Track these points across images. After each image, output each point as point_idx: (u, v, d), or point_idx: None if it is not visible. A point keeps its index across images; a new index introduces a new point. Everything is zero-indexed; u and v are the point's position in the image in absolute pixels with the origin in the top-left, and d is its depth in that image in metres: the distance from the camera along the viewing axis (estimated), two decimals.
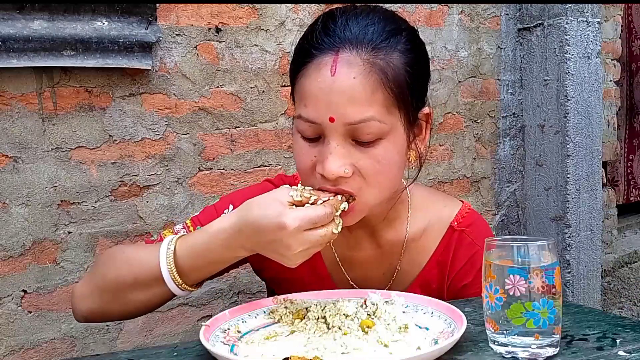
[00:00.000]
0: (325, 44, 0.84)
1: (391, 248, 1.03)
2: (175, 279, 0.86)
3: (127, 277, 0.89)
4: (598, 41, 2.14)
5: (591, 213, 2.15)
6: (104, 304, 0.92)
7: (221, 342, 0.75)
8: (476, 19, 2.09)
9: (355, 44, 0.83)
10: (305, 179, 0.90)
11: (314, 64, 0.84)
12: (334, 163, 0.83)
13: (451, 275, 1.02)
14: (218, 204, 1.05)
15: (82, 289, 0.94)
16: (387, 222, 1.02)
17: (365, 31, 0.84)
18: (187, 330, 1.59)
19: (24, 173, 1.37)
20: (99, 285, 0.92)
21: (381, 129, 0.84)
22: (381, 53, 0.84)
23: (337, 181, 0.84)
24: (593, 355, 0.69)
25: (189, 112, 1.56)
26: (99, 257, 0.99)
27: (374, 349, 0.74)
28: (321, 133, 0.85)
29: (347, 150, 0.84)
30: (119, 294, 0.90)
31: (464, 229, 1.03)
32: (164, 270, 0.85)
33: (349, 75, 0.82)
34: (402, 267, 1.03)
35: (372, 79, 0.82)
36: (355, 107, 0.82)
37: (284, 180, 1.07)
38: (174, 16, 1.52)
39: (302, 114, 0.85)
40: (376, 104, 0.83)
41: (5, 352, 1.37)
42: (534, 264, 0.69)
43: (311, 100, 0.84)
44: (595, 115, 2.14)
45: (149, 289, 0.88)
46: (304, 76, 0.86)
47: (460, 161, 2.09)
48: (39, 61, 1.31)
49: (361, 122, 0.82)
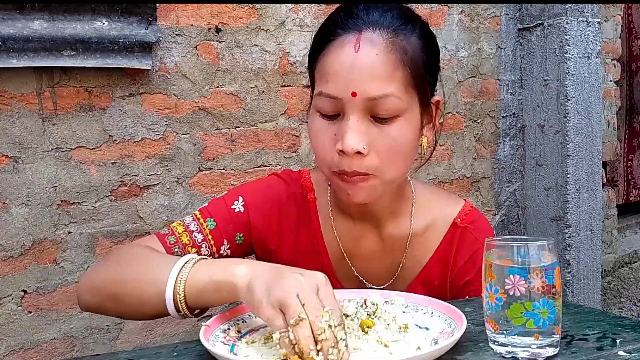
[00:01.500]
0: (350, 24, 0.88)
1: (394, 243, 1.04)
2: (182, 306, 0.81)
3: (133, 292, 0.85)
4: (598, 41, 2.14)
5: (591, 213, 2.15)
6: (101, 302, 0.90)
7: (221, 342, 0.75)
8: (476, 19, 2.09)
9: (377, 26, 0.87)
10: (322, 157, 0.91)
11: (337, 42, 0.87)
12: (353, 138, 0.85)
13: (454, 271, 1.03)
14: (227, 196, 1.05)
15: (85, 281, 0.92)
16: (391, 217, 1.03)
17: (386, 15, 0.89)
18: (187, 330, 1.59)
19: (24, 173, 1.37)
20: (107, 287, 0.88)
21: (399, 105, 0.87)
22: (400, 35, 0.88)
23: (354, 158, 0.86)
24: (593, 355, 0.69)
25: (189, 112, 1.56)
26: (113, 254, 0.95)
27: (374, 349, 0.73)
28: (340, 110, 0.88)
29: (365, 126, 0.87)
30: (117, 299, 0.87)
31: (466, 225, 1.04)
32: (170, 305, 0.80)
33: (371, 52, 0.85)
34: (406, 263, 1.04)
35: (392, 56, 0.86)
36: (377, 83, 0.85)
37: (291, 176, 1.09)
38: (174, 16, 1.52)
39: (324, 90, 0.88)
40: (396, 81, 0.86)
41: (5, 352, 1.37)
42: (534, 264, 0.68)
43: (334, 76, 0.87)
44: (595, 115, 2.14)
45: (152, 307, 0.84)
46: (326, 54, 0.88)
47: (460, 161, 2.09)
48: (39, 61, 1.31)
49: (381, 97, 0.85)
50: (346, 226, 1.04)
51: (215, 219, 1.00)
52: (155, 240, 0.97)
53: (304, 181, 1.07)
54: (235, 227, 1.01)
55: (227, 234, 1.01)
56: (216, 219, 1.00)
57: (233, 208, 1.02)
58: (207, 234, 0.99)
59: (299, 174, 1.09)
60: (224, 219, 1.01)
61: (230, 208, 1.02)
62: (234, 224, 1.01)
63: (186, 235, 0.98)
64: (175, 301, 0.80)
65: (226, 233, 1.01)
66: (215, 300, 0.79)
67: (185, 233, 0.99)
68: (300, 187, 1.07)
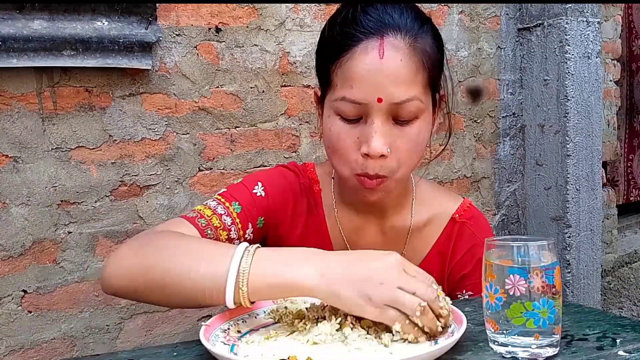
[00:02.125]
0: (371, 28, 0.89)
1: (395, 236, 1.06)
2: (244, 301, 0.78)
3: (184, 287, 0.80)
4: (598, 41, 2.13)
5: (591, 213, 2.15)
6: (145, 291, 0.84)
7: (221, 342, 0.75)
8: (476, 19, 2.09)
9: (398, 29, 0.89)
10: (344, 161, 0.92)
11: (360, 47, 0.88)
12: (379, 142, 0.88)
13: (451, 265, 1.06)
14: (245, 181, 1.05)
15: (122, 266, 0.85)
16: (393, 210, 1.06)
17: (404, 18, 0.90)
18: (187, 330, 1.59)
19: (24, 173, 1.37)
20: (147, 275, 0.83)
21: (419, 107, 0.90)
22: (420, 38, 0.90)
23: (377, 161, 0.89)
24: (593, 355, 0.69)
25: (189, 112, 1.56)
26: (144, 239, 0.89)
27: (374, 349, 0.73)
28: (364, 113, 0.90)
29: (388, 129, 0.89)
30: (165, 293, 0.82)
31: (465, 220, 1.07)
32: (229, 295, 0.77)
33: (395, 58, 0.88)
34: (406, 255, 1.04)
35: (415, 60, 0.89)
36: (401, 88, 0.88)
37: (298, 167, 1.11)
38: (174, 16, 1.52)
39: (348, 96, 0.89)
40: (418, 84, 0.89)
41: (5, 352, 1.37)
42: (534, 263, 0.68)
43: (359, 82, 0.88)
44: (595, 115, 2.14)
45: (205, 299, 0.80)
46: (350, 59, 0.89)
47: (460, 161, 2.09)
48: (39, 61, 1.31)
49: (406, 102, 0.88)
50: (349, 218, 1.07)
51: (241, 203, 1.01)
52: (186, 224, 0.94)
53: (310, 173, 1.10)
54: (258, 211, 1.03)
55: (252, 217, 1.02)
56: (241, 203, 1.01)
57: (255, 192, 1.03)
58: (234, 217, 0.99)
59: (305, 167, 1.12)
60: (248, 203, 1.02)
61: (252, 192, 1.03)
62: (257, 208, 1.02)
63: (216, 218, 0.97)
64: (237, 296, 0.77)
65: (251, 217, 1.01)
66: (281, 296, 0.80)
67: (215, 216, 0.98)
68: (307, 179, 1.09)
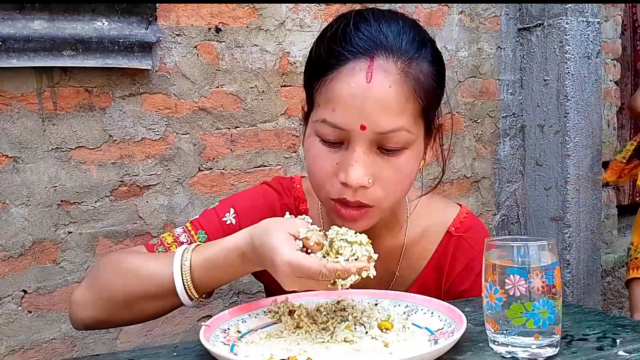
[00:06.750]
0: (360, 47, 0.81)
1: (389, 254, 1.02)
2: (191, 294, 0.84)
3: (137, 289, 0.86)
4: (598, 41, 2.13)
5: (591, 213, 2.15)
6: (110, 313, 0.89)
7: (221, 342, 0.75)
8: (476, 19, 2.09)
9: (391, 51, 0.81)
10: (321, 185, 0.87)
11: (347, 68, 0.81)
12: (358, 172, 0.81)
13: (449, 280, 1.02)
14: (218, 207, 1.04)
15: (82, 297, 0.90)
16: (386, 229, 1.01)
17: (400, 39, 0.82)
18: (187, 330, 1.59)
19: (24, 173, 1.37)
20: (104, 296, 0.88)
21: (408, 139, 0.83)
22: (414, 63, 0.83)
23: (357, 190, 0.82)
24: (593, 355, 0.69)
25: (189, 112, 1.56)
26: (99, 264, 0.95)
27: (374, 349, 0.74)
28: (345, 139, 0.83)
29: (371, 158, 0.82)
30: (127, 305, 0.87)
31: (461, 234, 1.02)
32: (179, 285, 0.83)
33: (384, 83, 0.80)
34: (400, 273, 1.03)
35: (406, 88, 0.81)
36: (388, 116, 0.81)
37: (282, 183, 1.07)
38: (174, 16, 1.52)
39: (329, 119, 0.82)
40: (407, 113, 0.82)
41: (5, 352, 1.37)
42: (534, 264, 0.69)
43: (342, 106, 0.81)
44: (595, 115, 2.14)
45: (160, 301, 0.86)
46: (334, 79, 0.82)
47: (460, 161, 2.09)
48: (39, 61, 1.31)
49: (392, 132, 0.81)
50: None
51: (207, 232, 0.99)
52: (144, 250, 0.96)
53: (296, 191, 1.05)
54: None
55: None
56: (207, 232, 0.99)
57: (224, 220, 1.01)
58: None
59: (291, 183, 1.07)
60: (215, 232, 0.99)
61: (221, 220, 1.01)
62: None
63: (175, 247, 0.96)
64: (188, 287, 0.83)
65: None
66: (225, 265, 0.82)
67: (175, 244, 0.97)
68: (293, 198, 1.05)
